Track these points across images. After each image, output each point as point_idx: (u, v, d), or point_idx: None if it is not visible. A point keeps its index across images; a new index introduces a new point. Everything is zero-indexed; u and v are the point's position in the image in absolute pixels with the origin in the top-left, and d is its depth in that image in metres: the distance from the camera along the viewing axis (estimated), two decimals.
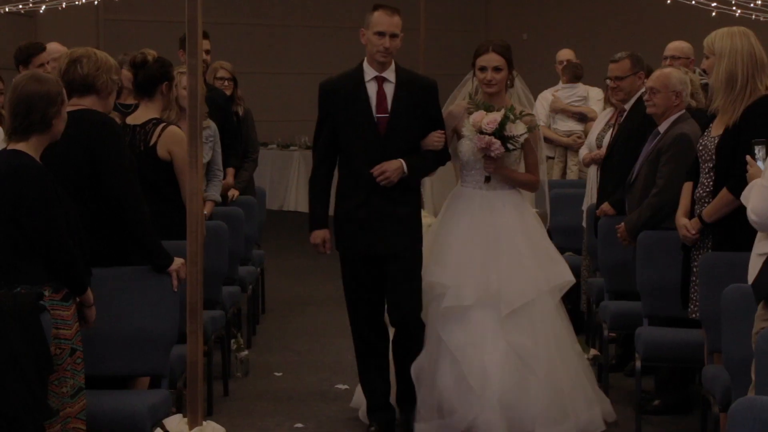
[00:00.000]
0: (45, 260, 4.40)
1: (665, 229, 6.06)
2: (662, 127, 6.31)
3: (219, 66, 8.42)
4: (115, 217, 5.01)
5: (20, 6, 10.94)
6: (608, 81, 7.30)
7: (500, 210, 5.87)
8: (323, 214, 5.90)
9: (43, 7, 11.25)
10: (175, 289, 5.06)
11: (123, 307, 5.03)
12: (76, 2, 11.17)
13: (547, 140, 9.18)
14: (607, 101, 7.86)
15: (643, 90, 6.92)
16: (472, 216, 5.87)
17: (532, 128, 5.86)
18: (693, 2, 9.76)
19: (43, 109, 4.46)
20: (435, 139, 5.82)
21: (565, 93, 9.33)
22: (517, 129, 5.74)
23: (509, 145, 5.73)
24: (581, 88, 9.34)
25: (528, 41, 16.89)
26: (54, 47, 7.88)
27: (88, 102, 5.10)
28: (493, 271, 5.74)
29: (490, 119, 5.69)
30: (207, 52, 8.24)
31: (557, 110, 9.26)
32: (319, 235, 5.88)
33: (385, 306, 5.93)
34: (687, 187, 5.65)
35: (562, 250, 8.23)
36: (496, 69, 5.82)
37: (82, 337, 4.58)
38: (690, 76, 6.56)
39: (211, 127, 7.13)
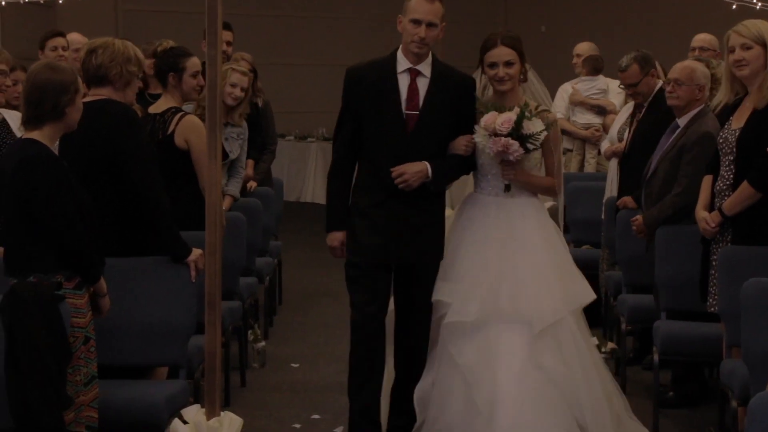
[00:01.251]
0: (57, 249, 4.41)
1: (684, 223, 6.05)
2: (682, 121, 6.28)
3: (240, 57, 8.42)
4: (134, 208, 5.02)
5: None
6: (621, 87, 7.30)
7: (519, 220, 5.34)
8: (342, 215, 5.33)
9: None
10: (193, 280, 5.07)
11: (141, 298, 5.04)
12: None
13: (565, 133, 9.16)
14: (628, 95, 7.82)
15: (660, 84, 6.91)
16: (486, 226, 5.33)
17: (550, 125, 5.33)
18: None
19: (56, 98, 4.45)
20: (463, 144, 5.29)
21: (585, 85, 9.29)
22: (535, 126, 5.22)
23: (529, 145, 5.22)
24: (601, 81, 9.30)
25: (547, 34, 16.84)
26: (74, 38, 7.92)
27: (105, 92, 5.12)
28: (505, 286, 5.18)
29: (504, 119, 5.16)
30: (228, 43, 8.25)
31: (576, 103, 9.22)
32: (337, 238, 5.34)
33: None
34: (707, 180, 5.62)
35: (579, 243, 8.28)
36: (508, 63, 5.29)
37: (99, 326, 4.60)
38: (715, 70, 6.52)
39: (243, 126, 7.15)
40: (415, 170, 5.14)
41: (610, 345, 6.99)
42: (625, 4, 16.08)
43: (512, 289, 5.18)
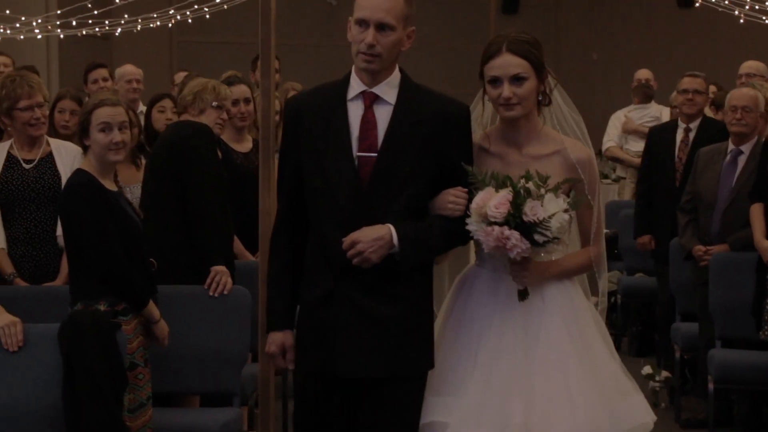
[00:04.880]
0: (100, 276, 4.47)
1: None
2: (746, 148, 6.25)
3: (290, 87, 8.50)
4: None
5: (97, 29, 11.14)
6: (680, 94, 7.26)
7: (537, 308, 3.73)
8: (283, 308, 3.74)
9: (119, 30, 11.45)
10: (212, 293, 5.11)
11: (196, 325, 5.09)
12: (151, 24, 11.36)
13: (618, 161, 9.16)
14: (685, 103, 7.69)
15: (705, 108, 6.99)
16: (491, 315, 3.74)
17: (577, 202, 3.66)
18: (766, 21, 9.65)
19: (79, 132, 4.61)
20: (450, 200, 3.62)
21: (638, 114, 9.27)
22: (549, 208, 3.54)
23: (537, 236, 3.53)
24: (654, 108, 9.28)
25: (598, 61, 16.80)
26: (128, 69, 8.05)
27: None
28: (517, 405, 3.62)
29: (498, 200, 3.52)
30: (276, 71, 8.34)
31: (629, 131, 9.20)
32: (275, 341, 3.73)
33: None
34: (757, 209, 5.59)
35: (632, 271, 8.22)
36: (517, 79, 3.67)
37: (152, 353, 4.65)
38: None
39: None
40: (372, 237, 3.50)
41: (665, 374, 6.94)
42: (677, 31, 16.01)
43: (527, 410, 3.63)
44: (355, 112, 3.60)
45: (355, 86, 3.63)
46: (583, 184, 3.72)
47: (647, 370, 6.88)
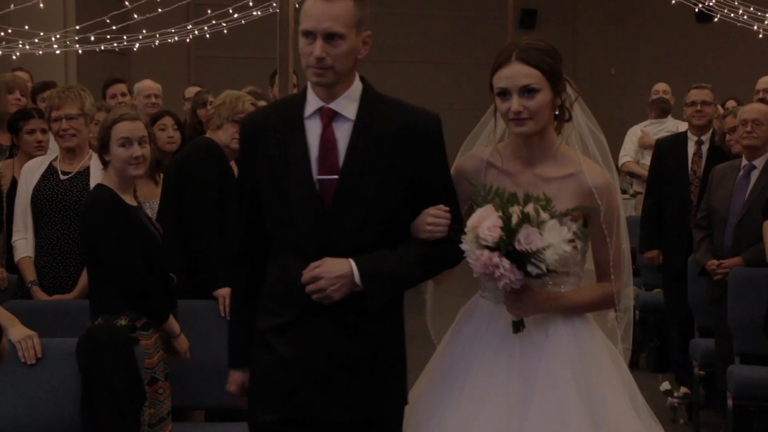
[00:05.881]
0: (120, 291, 4.48)
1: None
2: (758, 162, 6.26)
3: None
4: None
5: (115, 44, 11.20)
6: (688, 106, 7.27)
7: (539, 346, 3.32)
8: (246, 343, 3.41)
9: (137, 45, 11.51)
10: (223, 314, 5.10)
11: (214, 339, 5.08)
12: (169, 40, 11.42)
13: (635, 176, 9.13)
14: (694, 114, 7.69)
15: (713, 120, 6.99)
16: (484, 350, 3.37)
17: (586, 233, 3.26)
18: None
19: (99, 147, 4.63)
20: (429, 222, 3.24)
21: (655, 128, 9.26)
22: (549, 235, 3.13)
23: (531, 268, 3.13)
24: (670, 123, 9.27)
25: (617, 76, 16.79)
26: (146, 84, 8.08)
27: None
28: None
29: (492, 222, 3.15)
30: (294, 86, 8.37)
31: (646, 146, 9.18)
32: (237, 380, 3.48)
33: None
34: None
35: (650, 287, 8.20)
36: (528, 91, 3.31)
37: (172, 367, 4.65)
38: None
39: None
40: (334, 274, 3.15)
41: (683, 390, 6.91)
42: (696, 46, 16.00)
43: None
44: (314, 130, 3.26)
45: (312, 102, 3.29)
46: (598, 212, 3.33)
47: (665, 386, 6.85)
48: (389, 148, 3.21)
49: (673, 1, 10.44)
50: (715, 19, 9.85)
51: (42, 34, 10.81)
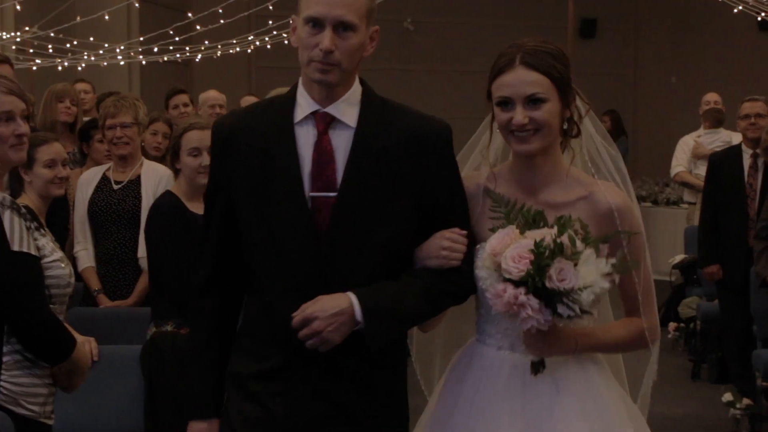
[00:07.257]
0: (171, 298, 4.52)
1: None
2: None
3: None
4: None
5: (177, 55, 11.34)
6: (741, 120, 7.21)
7: (548, 398, 2.80)
8: (211, 390, 2.86)
9: (199, 56, 11.64)
10: None
11: None
12: (230, 50, 11.53)
13: (689, 186, 9.06)
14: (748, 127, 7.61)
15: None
16: (487, 405, 2.84)
17: (627, 266, 2.76)
18: None
19: (170, 155, 4.75)
20: (445, 246, 2.76)
21: (708, 138, 9.17)
22: (585, 270, 2.63)
23: (562, 309, 2.63)
24: (724, 133, 9.19)
25: (677, 84, 16.66)
26: (211, 95, 8.16)
27: None
28: None
29: (519, 251, 2.63)
30: None
31: (700, 156, 9.10)
32: None
33: None
34: None
35: (712, 297, 8.12)
36: (533, 101, 2.79)
37: None
38: None
39: None
40: (331, 312, 2.64)
41: (746, 401, 6.84)
42: (756, 54, 15.83)
43: None
44: (306, 139, 2.75)
45: (305, 105, 2.78)
46: (624, 237, 2.81)
47: (727, 397, 6.79)
48: (394, 161, 2.73)
49: (735, 10, 10.34)
50: None
51: (106, 45, 10.96)
